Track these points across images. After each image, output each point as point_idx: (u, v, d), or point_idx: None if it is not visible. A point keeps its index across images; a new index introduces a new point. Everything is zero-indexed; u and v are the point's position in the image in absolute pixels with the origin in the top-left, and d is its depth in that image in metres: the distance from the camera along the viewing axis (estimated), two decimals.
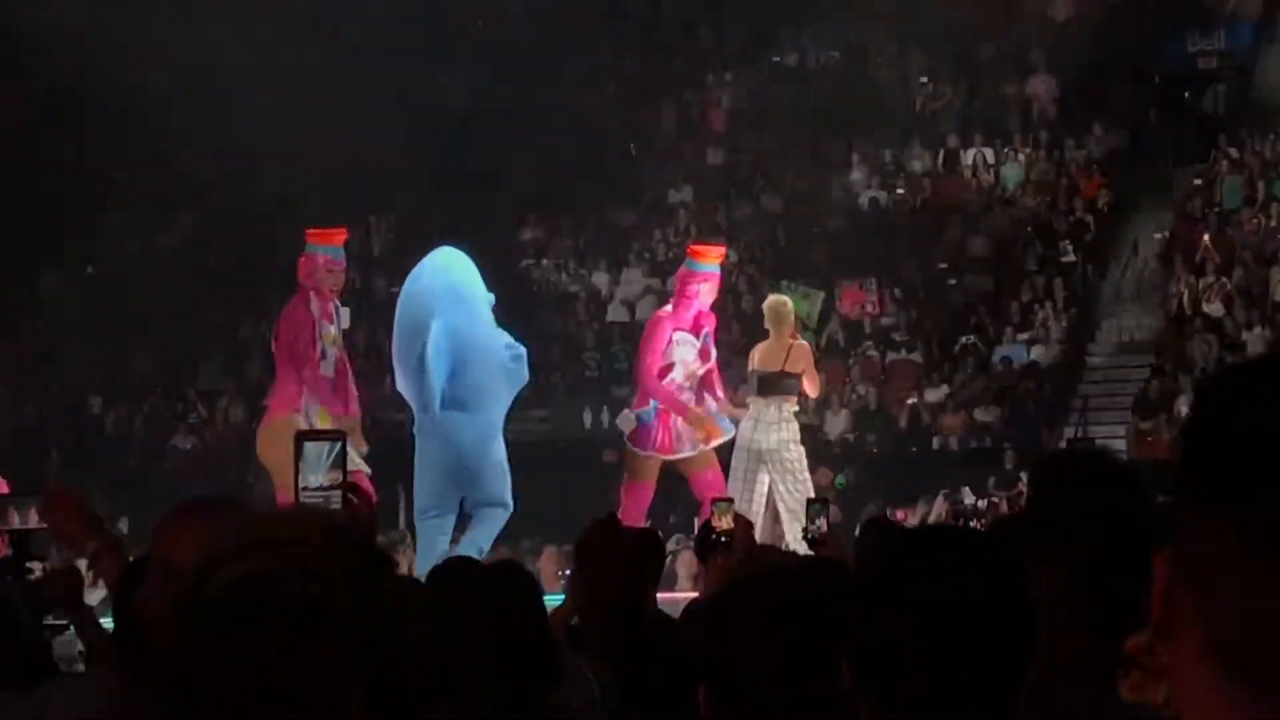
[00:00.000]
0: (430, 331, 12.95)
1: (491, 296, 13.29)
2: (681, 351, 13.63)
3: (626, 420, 14.04)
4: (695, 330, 13.66)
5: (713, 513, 7.20)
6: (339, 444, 3.50)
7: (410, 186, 29.14)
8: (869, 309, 24.72)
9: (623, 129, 29.42)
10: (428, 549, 12.93)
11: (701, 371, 13.65)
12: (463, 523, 13.37)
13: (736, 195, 27.51)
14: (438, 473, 13.07)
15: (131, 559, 3.91)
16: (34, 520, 14.02)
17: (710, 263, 13.97)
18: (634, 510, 13.45)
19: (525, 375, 13.22)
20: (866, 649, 2.36)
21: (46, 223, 27.55)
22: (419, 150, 29.00)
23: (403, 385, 13.30)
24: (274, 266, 19.70)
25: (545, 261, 26.89)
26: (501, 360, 13.02)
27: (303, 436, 3.51)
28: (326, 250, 12.88)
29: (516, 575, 4.23)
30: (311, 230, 13.13)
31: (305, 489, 3.45)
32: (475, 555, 12.52)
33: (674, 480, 14.06)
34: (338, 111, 26.86)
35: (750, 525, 8.11)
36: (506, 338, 13.21)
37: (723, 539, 6.99)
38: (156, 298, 27.38)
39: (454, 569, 4.24)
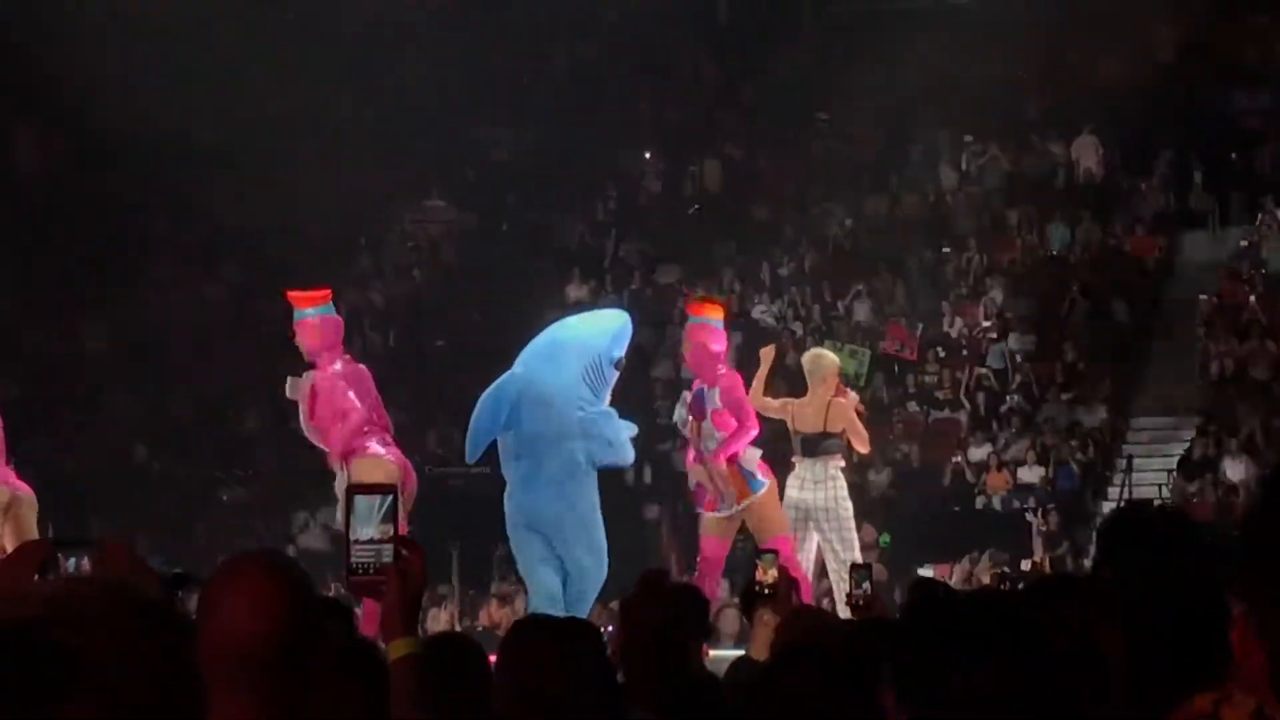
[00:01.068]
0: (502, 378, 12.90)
1: (610, 354, 12.88)
2: (678, 411, 13.57)
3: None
4: (691, 385, 13.42)
5: (758, 565, 7.16)
6: (390, 497, 3.49)
7: (454, 242, 29.24)
8: (906, 352, 24.56)
9: (667, 186, 29.49)
10: (537, 593, 12.85)
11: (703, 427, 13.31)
12: None
13: (780, 252, 27.50)
14: (516, 523, 12.95)
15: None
16: (86, 571, 14.02)
17: (702, 315, 13.48)
18: (705, 566, 13.32)
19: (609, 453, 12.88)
20: (919, 710, 2.35)
21: (90, 272, 27.70)
22: (464, 206, 29.12)
23: None
24: None
25: None
26: (566, 417, 12.69)
27: (353, 490, 3.51)
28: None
29: (586, 630, 4.26)
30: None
31: (356, 542, 3.44)
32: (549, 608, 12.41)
33: None
34: (383, 165, 26.98)
35: (795, 582, 8.04)
36: (593, 404, 12.80)
37: (766, 591, 6.96)
38: (201, 348, 27.48)
39: (524, 625, 4.28)
